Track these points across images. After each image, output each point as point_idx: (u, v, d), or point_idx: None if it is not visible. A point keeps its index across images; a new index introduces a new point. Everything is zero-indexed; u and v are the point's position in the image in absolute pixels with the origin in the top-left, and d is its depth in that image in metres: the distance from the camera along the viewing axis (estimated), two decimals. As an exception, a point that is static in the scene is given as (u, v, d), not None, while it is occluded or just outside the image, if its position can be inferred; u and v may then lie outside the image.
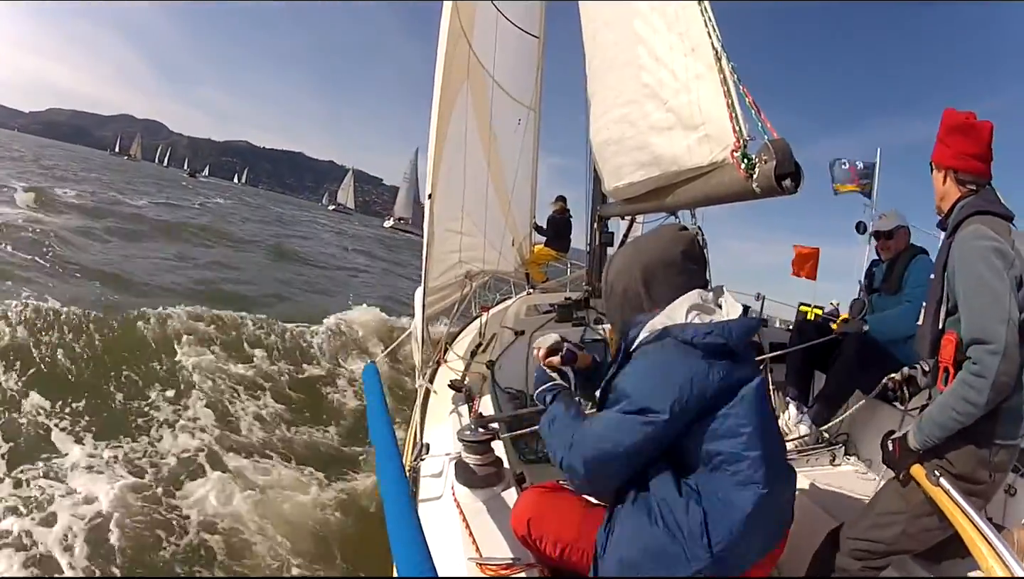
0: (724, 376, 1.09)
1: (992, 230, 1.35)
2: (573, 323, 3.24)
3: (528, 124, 4.19)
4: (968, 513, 1.25)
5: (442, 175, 2.71)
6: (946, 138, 1.50)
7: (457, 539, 1.40)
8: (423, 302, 2.69)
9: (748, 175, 1.26)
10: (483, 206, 3.46)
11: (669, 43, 1.56)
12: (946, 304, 1.43)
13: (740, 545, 1.06)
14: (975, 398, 1.27)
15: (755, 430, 1.08)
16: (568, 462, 1.14)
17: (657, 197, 1.90)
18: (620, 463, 1.10)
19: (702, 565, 1.04)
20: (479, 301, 3.75)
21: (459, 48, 2.80)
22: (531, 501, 1.31)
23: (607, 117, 2.08)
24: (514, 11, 3.61)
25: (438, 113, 2.49)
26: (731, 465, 1.08)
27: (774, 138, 1.23)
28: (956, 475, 1.35)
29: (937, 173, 1.54)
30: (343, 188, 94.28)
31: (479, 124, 3.35)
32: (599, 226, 3.55)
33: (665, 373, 1.09)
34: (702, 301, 1.17)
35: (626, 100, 1.87)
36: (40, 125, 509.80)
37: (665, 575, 1.05)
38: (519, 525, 1.29)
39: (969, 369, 1.29)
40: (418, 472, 1.70)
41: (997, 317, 1.26)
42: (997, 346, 1.24)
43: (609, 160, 2.15)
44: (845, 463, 2.38)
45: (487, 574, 1.29)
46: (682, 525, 1.06)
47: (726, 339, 1.10)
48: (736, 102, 1.31)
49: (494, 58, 3.29)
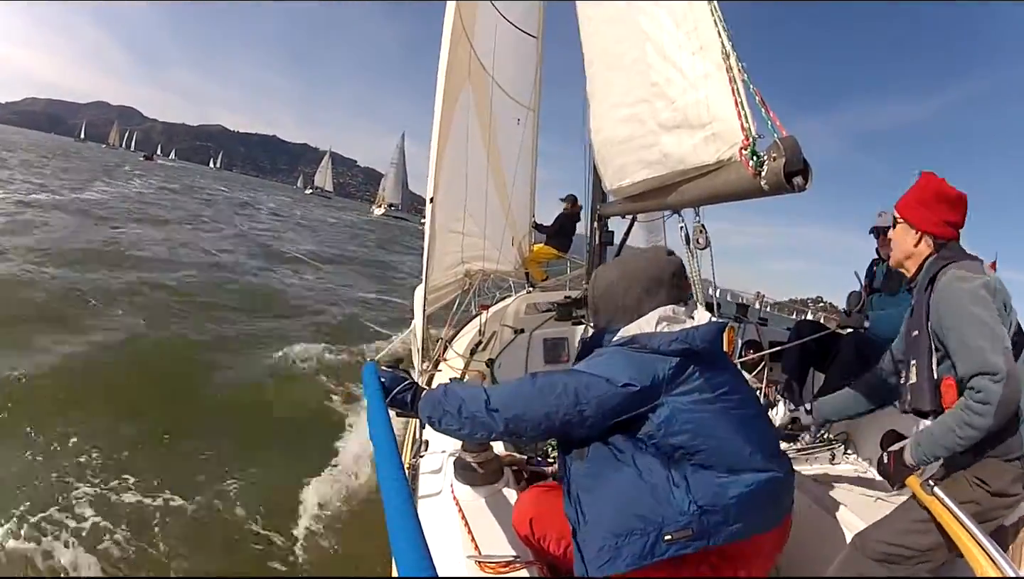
0: (688, 375, 1.16)
1: (970, 272, 1.42)
2: (573, 321, 3.25)
3: (527, 123, 4.19)
4: (963, 521, 1.26)
5: (444, 175, 2.70)
6: (933, 205, 1.54)
7: (456, 537, 1.40)
8: (423, 301, 2.69)
9: (756, 172, 1.27)
10: (484, 206, 3.46)
11: (677, 41, 1.56)
12: (936, 354, 1.46)
13: (725, 511, 1.09)
14: (979, 422, 1.29)
15: (717, 424, 1.14)
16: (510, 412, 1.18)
17: (660, 196, 1.90)
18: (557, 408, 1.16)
19: (688, 519, 1.07)
20: (479, 300, 3.75)
21: (461, 49, 2.80)
22: (532, 500, 1.34)
23: (613, 116, 2.08)
24: (513, 11, 3.61)
25: (441, 114, 2.49)
26: (693, 456, 1.13)
27: (783, 136, 1.24)
28: (993, 493, 1.37)
29: (908, 233, 1.57)
30: (320, 170, 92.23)
31: (480, 124, 3.35)
32: (599, 225, 3.55)
33: (627, 363, 1.18)
34: (673, 314, 1.24)
35: (635, 99, 1.87)
36: (16, 115, 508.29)
37: (652, 530, 1.07)
38: (521, 525, 1.32)
39: (972, 397, 1.31)
40: (417, 469, 1.71)
41: (993, 348, 1.30)
42: (999, 375, 1.27)
43: (614, 159, 2.15)
44: (845, 462, 2.39)
45: (486, 572, 1.29)
46: (662, 484, 1.11)
47: (689, 344, 1.17)
48: (744, 100, 1.31)
49: (494, 59, 3.30)
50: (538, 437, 1.26)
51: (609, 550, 1.09)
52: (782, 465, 1.23)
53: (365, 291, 11.37)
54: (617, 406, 1.15)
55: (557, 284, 4.97)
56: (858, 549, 1.53)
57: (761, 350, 3.15)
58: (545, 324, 3.27)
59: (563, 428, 1.18)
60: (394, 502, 0.87)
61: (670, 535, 1.06)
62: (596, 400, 1.14)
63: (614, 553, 1.08)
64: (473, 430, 1.23)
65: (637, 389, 1.14)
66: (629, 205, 2.37)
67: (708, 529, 1.08)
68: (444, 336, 3.16)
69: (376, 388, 1.36)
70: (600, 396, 1.14)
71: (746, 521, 1.11)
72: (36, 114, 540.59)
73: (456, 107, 2.83)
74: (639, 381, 1.14)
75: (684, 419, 1.14)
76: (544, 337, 3.14)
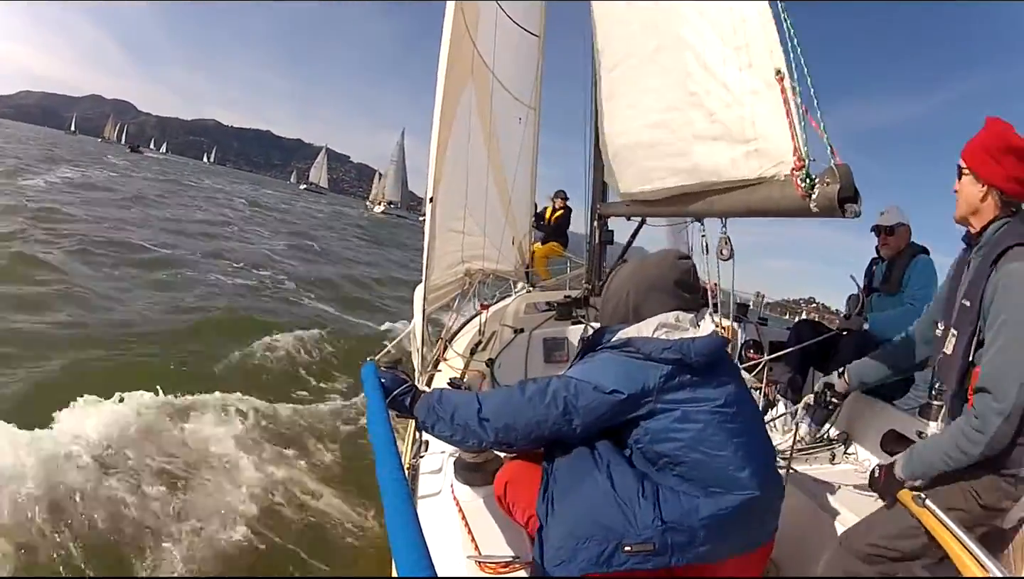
0: (679, 385, 1.16)
1: None
2: (573, 321, 3.24)
3: (528, 122, 4.19)
4: (956, 534, 1.26)
5: (444, 174, 2.70)
6: (1000, 157, 1.37)
7: (456, 537, 1.40)
8: (423, 300, 2.69)
9: (807, 194, 1.31)
10: (484, 205, 3.46)
11: (723, 56, 1.57)
12: (978, 336, 1.35)
13: (692, 533, 1.08)
14: (970, 449, 1.28)
15: (705, 437, 1.13)
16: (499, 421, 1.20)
17: (682, 203, 1.93)
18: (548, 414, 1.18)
19: (650, 534, 1.07)
20: (479, 299, 3.75)
21: (463, 48, 2.79)
22: (513, 467, 1.38)
23: (639, 120, 2.08)
24: (516, 10, 3.60)
25: (441, 113, 2.47)
26: (676, 466, 1.14)
27: (838, 163, 1.28)
28: (983, 505, 1.33)
29: (975, 186, 1.41)
30: (316, 166, 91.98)
31: (482, 123, 3.34)
32: (600, 224, 3.54)
33: (617, 369, 1.19)
34: (675, 321, 1.23)
35: (667, 106, 1.88)
36: (11, 109, 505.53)
37: (612, 540, 1.07)
38: (499, 486, 1.36)
39: (970, 422, 1.28)
40: (417, 469, 1.71)
41: (1017, 375, 1.22)
42: (1004, 406, 1.22)
43: (636, 163, 2.16)
44: (844, 462, 2.39)
45: (486, 572, 1.29)
46: (631, 496, 1.11)
47: (683, 354, 1.17)
48: (797, 122, 1.34)
49: (494, 56, 3.29)
50: (528, 446, 1.27)
51: (566, 551, 1.09)
52: (771, 486, 1.21)
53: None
54: (605, 414, 1.17)
55: (557, 284, 4.97)
56: (845, 547, 1.52)
57: (761, 349, 3.15)
58: (545, 324, 3.27)
59: (553, 436, 1.20)
60: (394, 502, 0.87)
61: (630, 547, 1.06)
62: (584, 409, 1.16)
63: (570, 555, 1.09)
64: (465, 438, 1.25)
65: (624, 397, 1.15)
66: (634, 208, 2.37)
67: (671, 547, 1.07)
68: (444, 336, 3.16)
69: (376, 388, 1.36)
70: (588, 404, 1.16)
71: (714, 544, 1.10)
72: (30, 107, 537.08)
73: (457, 105, 2.83)
74: (627, 389, 1.15)
75: (671, 429, 1.14)
76: (544, 337, 3.14)
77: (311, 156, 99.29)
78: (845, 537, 1.56)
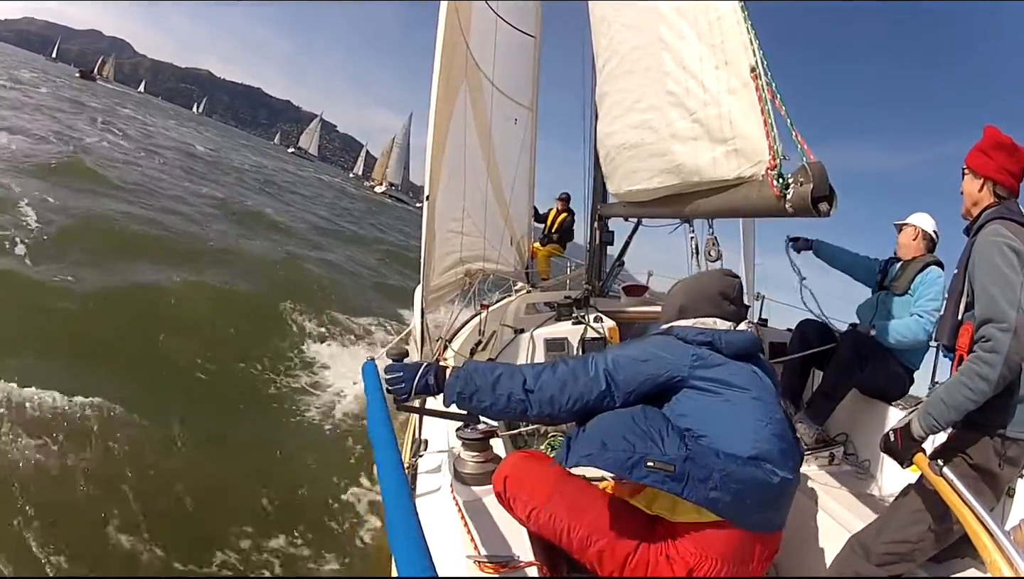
0: (709, 363, 1.26)
1: (1009, 231, 1.47)
2: (573, 321, 3.24)
3: (525, 123, 4.19)
4: (971, 503, 1.26)
5: (443, 176, 2.69)
6: (991, 152, 1.61)
7: (455, 537, 1.40)
8: (423, 301, 2.68)
9: (781, 194, 1.31)
10: (482, 206, 3.46)
11: (699, 54, 1.58)
12: (966, 298, 1.54)
13: (708, 472, 1.12)
14: (988, 373, 1.33)
15: (726, 413, 1.21)
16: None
17: (670, 204, 1.92)
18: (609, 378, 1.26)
19: (673, 457, 1.11)
20: (478, 299, 3.75)
21: (457, 49, 2.78)
22: (512, 462, 1.42)
23: (624, 120, 2.07)
24: (510, 11, 3.60)
25: (437, 115, 2.47)
26: (698, 439, 1.19)
27: (812, 161, 1.28)
28: (973, 465, 1.42)
29: (974, 180, 1.65)
30: (308, 133, 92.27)
31: (477, 124, 3.34)
32: (600, 225, 3.54)
33: (655, 344, 1.33)
34: (713, 325, 1.35)
35: (647, 106, 1.87)
36: (12, 33, 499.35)
37: (638, 453, 1.12)
38: (497, 481, 1.38)
39: (982, 346, 1.37)
40: (416, 469, 1.71)
41: (1008, 301, 1.36)
42: (1008, 324, 1.34)
43: (623, 164, 2.15)
44: (844, 463, 2.38)
45: (486, 572, 1.29)
46: (660, 429, 1.17)
47: (713, 340, 1.29)
48: (773, 121, 1.34)
49: (492, 59, 3.29)
50: (569, 418, 1.31)
51: (595, 449, 1.15)
52: (790, 470, 1.23)
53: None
54: (643, 383, 1.26)
55: (557, 284, 4.97)
56: (858, 554, 1.53)
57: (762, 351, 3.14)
58: (545, 324, 3.27)
59: (595, 409, 1.26)
60: (394, 502, 0.87)
61: (652, 462, 1.11)
62: (623, 381, 1.26)
63: (598, 451, 1.14)
64: (508, 407, 1.27)
65: (659, 364, 1.25)
66: (631, 209, 2.37)
67: (688, 476, 1.10)
68: (444, 336, 3.15)
69: (376, 386, 1.36)
70: (627, 376, 1.26)
71: (724, 494, 1.11)
72: (32, 35, 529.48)
73: (453, 106, 2.82)
74: (661, 358, 1.26)
75: (700, 404, 1.22)
76: (544, 337, 3.14)
77: (298, 120, 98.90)
78: (859, 544, 1.56)
